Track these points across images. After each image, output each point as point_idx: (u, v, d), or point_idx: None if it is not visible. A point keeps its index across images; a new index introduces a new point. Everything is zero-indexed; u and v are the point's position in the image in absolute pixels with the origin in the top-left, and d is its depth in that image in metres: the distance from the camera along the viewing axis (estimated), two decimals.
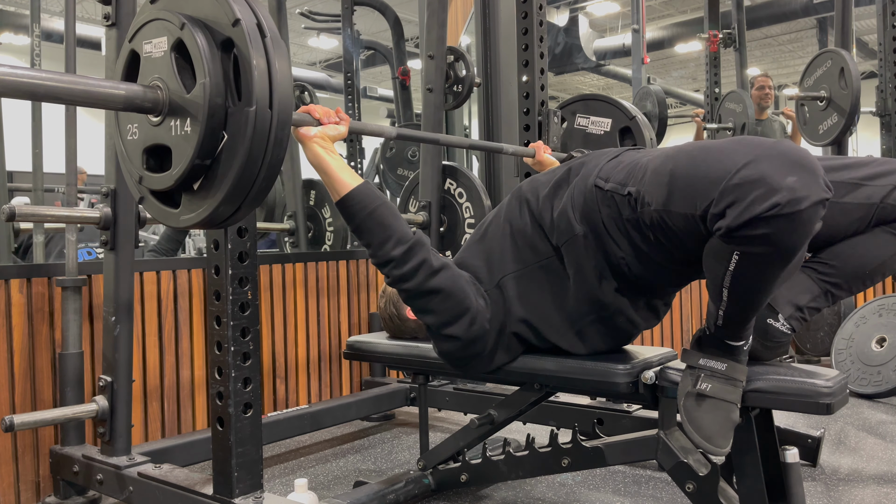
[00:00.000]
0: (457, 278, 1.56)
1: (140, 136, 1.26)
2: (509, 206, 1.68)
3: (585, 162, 1.59)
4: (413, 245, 1.52)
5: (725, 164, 1.19)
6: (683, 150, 1.31)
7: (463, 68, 2.78)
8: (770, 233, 1.15)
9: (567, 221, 1.52)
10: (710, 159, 1.22)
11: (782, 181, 1.13)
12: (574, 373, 1.57)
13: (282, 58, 1.16)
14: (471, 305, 1.55)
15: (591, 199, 1.49)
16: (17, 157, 3.58)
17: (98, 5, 1.90)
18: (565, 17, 9.83)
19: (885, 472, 2.16)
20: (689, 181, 1.24)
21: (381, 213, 1.52)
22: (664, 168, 1.31)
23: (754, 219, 1.14)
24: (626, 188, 1.41)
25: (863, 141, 9.81)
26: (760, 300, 1.31)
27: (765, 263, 1.21)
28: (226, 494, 1.61)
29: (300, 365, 2.83)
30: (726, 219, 1.17)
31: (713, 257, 1.27)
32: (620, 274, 1.49)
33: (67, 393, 2.00)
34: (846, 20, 3.74)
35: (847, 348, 3.20)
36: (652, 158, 1.39)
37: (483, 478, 1.86)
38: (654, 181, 1.33)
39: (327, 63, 13.01)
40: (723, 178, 1.18)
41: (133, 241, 1.96)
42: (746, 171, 1.15)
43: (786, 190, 1.12)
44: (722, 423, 1.33)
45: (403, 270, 1.51)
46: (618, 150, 1.61)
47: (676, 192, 1.27)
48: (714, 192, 1.19)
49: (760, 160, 1.16)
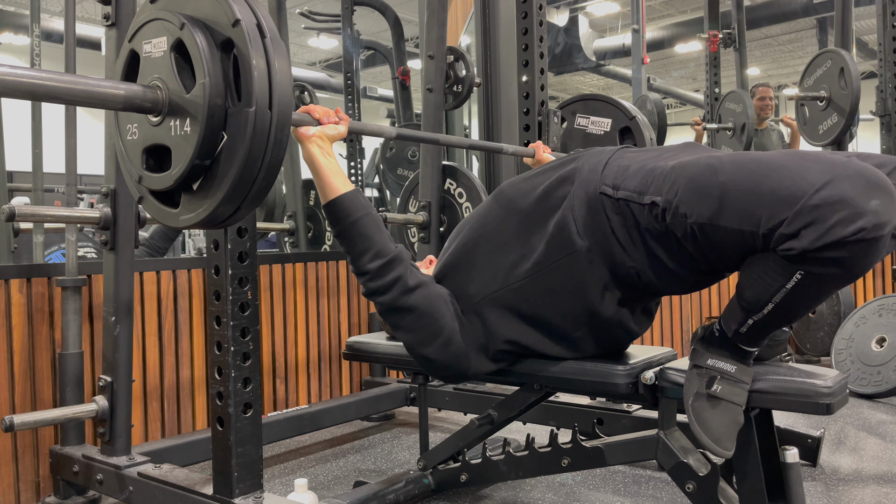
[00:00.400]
0: (433, 298, 1.52)
1: (140, 135, 1.26)
2: (488, 216, 1.61)
3: (578, 168, 1.51)
4: (391, 260, 1.50)
5: (798, 183, 1.14)
6: (732, 160, 1.25)
7: (463, 68, 2.78)
8: (847, 256, 1.12)
9: (566, 235, 1.46)
10: (774, 175, 1.17)
11: (867, 205, 1.10)
12: (574, 373, 1.57)
13: (281, 58, 1.16)
14: (445, 326, 1.51)
15: (597, 208, 1.43)
16: (17, 157, 3.58)
17: (98, 5, 1.90)
18: (565, 17, 9.83)
19: (885, 472, 2.16)
20: (750, 196, 1.19)
21: (363, 223, 1.51)
22: (711, 179, 1.24)
23: (836, 242, 1.10)
24: (645, 196, 1.35)
25: (863, 141, 9.81)
26: (802, 315, 1.29)
27: (829, 283, 1.19)
28: (226, 494, 1.61)
29: (300, 365, 2.83)
30: (801, 240, 1.13)
31: (768, 273, 1.22)
32: (628, 284, 1.45)
33: (67, 393, 2.00)
34: (846, 20, 3.74)
35: (847, 348, 3.20)
36: (680, 166, 1.32)
37: (483, 478, 1.86)
38: (696, 192, 1.26)
39: (327, 63, 13.01)
40: (798, 196, 1.13)
41: (133, 241, 1.96)
42: (827, 192, 1.11)
43: (871, 214, 1.09)
44: (730, 425, 1.32)
45: (377, 284, 1.50)
46: (610, 150, 1.54)
47: (730, 206, 1.21)
48: (787, 211, 1.14)
49: (840, 180, 1.12)
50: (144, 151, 1.26)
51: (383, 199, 5.45)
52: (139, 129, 1.26)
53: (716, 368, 1.36)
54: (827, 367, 1.60)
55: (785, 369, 1.40)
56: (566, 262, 1.47)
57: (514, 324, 1.54)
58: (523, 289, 1.51)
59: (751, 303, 1.28)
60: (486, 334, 1.55)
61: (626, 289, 1.47)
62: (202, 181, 1.21)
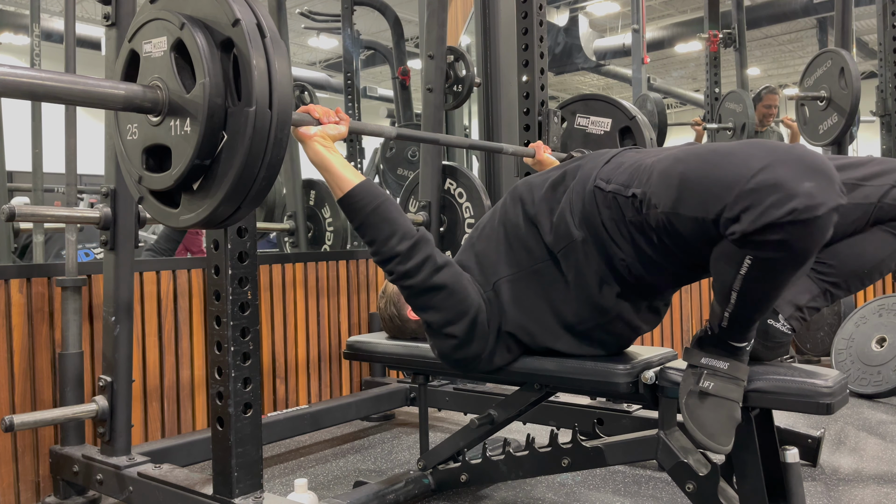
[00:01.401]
0: (460, 276, 1.56)
1: (140, 135, 1.26)
2: (504, 208, 1.67)
3: (582, 164, 1.57)
4: (418, 241, 1.52)
5: (740, 169, 1.17)
6: (693, 151, 1.30)
7: (463, 68, 2.78)
8: (785, 238, 1.14)
9: (565, 226, 1.50)
10: (722, 162, 1.21)
11: (799, 187, 1.12)
12: (574, 373, 1.57)
13: (281, 58, 1.16)
14: (472, 304, 1.55)
15: (591, 201, 1.47)
16: (17, 157, 3.58)
17: (98, 5, 1.90)
18: (565, 17, 9.84)
19: (885, 472, 2.16)
20: (701, 184, 1.23)
21: (385, 208, 1.52)
22: (673, 170, 1.29)
23: (770, 224, 1.13)
24: (629, 189, 1.40)
25: (863, 141, 9.80)
26: (769, 303, 1.31)
27: (777, 268, 1.21)
28: (226, 494, 1.61)
29: (300, 365, 2.83)
30: (741, 223, 1.16)
31: (723, 260, 1.26)
32: (622, 277, 1.48)
33: (67, 393, 2.00)
34: (846, 20, 3.74)
35: (847, 348, 3.20)
36: (658, 160, 1.37)
37: (483, 478, 1.86)
38: (662, 183, 1.31)
39: (327, 63, 13.01)
40: (737, 182, 1.16)
41: (133, 241, 1.96)
42: (762, 176, 1.14)
43: (803, 196, 1.11)
44: (724, 421, 1.33)
45: (408, 266, 1.51)
46: (616, 150, 1.59)
47: (686, 194, 1.25)
48: (728, 196, 1.17)
49: (776, 165, 1.14)
50: (144, 151, 1.26)
51: None
52: (139, 129, 1.26)
53: (708, 366, 1.38)
54: (827, 367, 1.61)
55: (785, 369, 1.40)
56: (566, 253, 1.51)
57: (524, 308, 1.57)
58: (533, 276, 1.56)
59: (719, 295, 1.31)
60: (501, 315, 1.58)
61: (622, 282, 1.49)
62: (202, 181, 1.21)
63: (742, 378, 1.36)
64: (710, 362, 1.38)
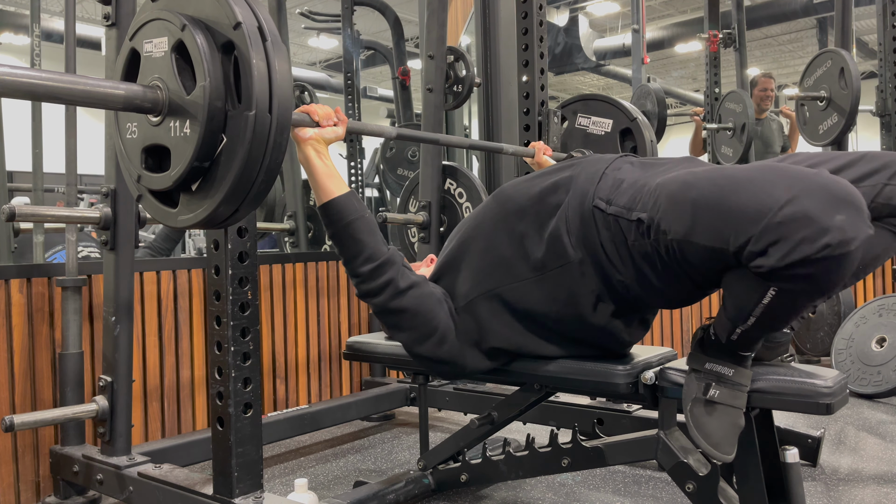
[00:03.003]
0: (425, 298, 1.54)
1: (139, 135, 1.26)
2: (485, 214, 1.61)
3: (574, 177, 1.51)
4: (381, 264, 1.51)
5: (763, 199, 1.13)
6: (705, 176, 1.25)
7: (463, 68, 2.77)
8: (815, 273, 1.11)
9: (561, 246, 1.46)
10: (741, 191, 1.17)
11: (831, 221, 1.09)
12: (574, 373, 1.57)
13: (282, 61, 1.16)
14: (439, 325, 1.54)
15: (589, 221, 1.43)
16: (17, 157, 3.58)
17: (98, 5, 1.90)
18: (565, 17, 9.83)
19: (885, 472, 2.16)
20: (718, 213, 1.19)
21: (355, 227, 1.51)
22: (684, 196, 1.24)
23: (802, 260, 1.10)
24: (633, 213, 1.36)
25: (863, 141, 9.81)
26: (786, 324, 1.30)
27: (803, 298, 1.19)
28: (226, 494, 1.61)
29: (300, 365, 2.83)
30: (769, 258, 1.12)
31: (743, 287, 1.22)
32: (619, 296, 1.46)
33: (67, 393, 2.00)
34: (846, 20, 3.74)
35: (847, 348, 3.20)
36: (664, 182, 1.32)
37: (483, 478, 1.86)
38: (672, 209, 1.26)
39: (327, 63, 13.01)
40: (762, 213, 1.13)
41: (133, 241, 1.95)
42: (791, 209, 1.10)
43: (835, 230, 1.08)
44: (728, 429, 1.32)
45: (369, 287, 1.52)
46: (610, 159, 1.53)
47: (701, 223, 1.21)
48: (753, 228, 1.13)
49: (803, 196, 1.11)
50: (144, 151, 1.25)
51: (383, 199, 5.46)
52: (139, 129, 1.26)
53: (713, 372, 1.36)
54: (827, 367, 1.60)
55: (785, 369, 1.40)
56: (559, 272, 1.47)
57: (506, 322, 1.55)
58: (518, 291, 1.52)
59: (734, 316, 1.29)
60: (480, 331, 1.56)
61: (618, 301, 1.48)
62: (201, 182, 1.21)
63: (746, 384, 1.35)
64: (715, 368, 1.36)
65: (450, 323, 1.55)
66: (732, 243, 1.17)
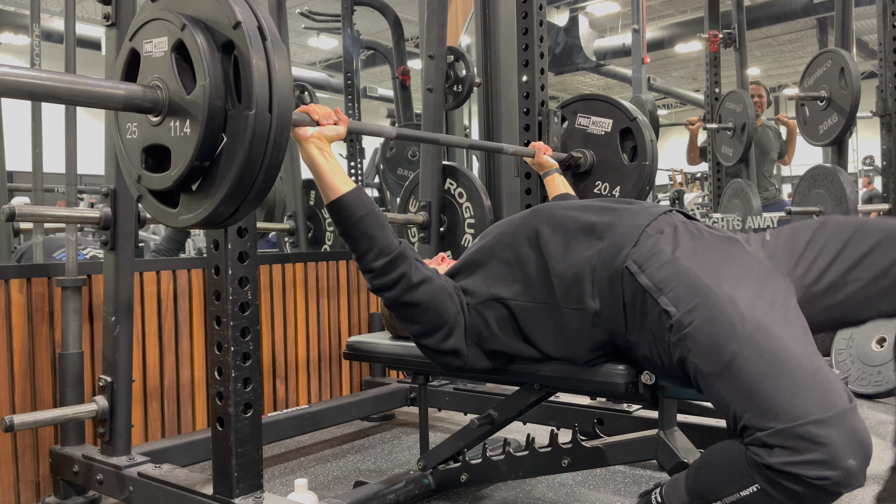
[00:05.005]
0: (437, 292, 1.54)
1: (139, 135, 1.26)
2: (520, 228, 1.61)
3: (614, 225, 1.46)
4: (394, 258, 1.51)
5: (795, 404, 1.14)
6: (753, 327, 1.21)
7: (463, 68, 2.77)
8: (803, 493, 1.12)
9: (580, 291, 1.45)
10: (780, 381, 1.16)
11: (844, 461, 1.11)
12: (574, 373, 1.57)
13: (282, 61, 1.16)
14: (448, 320, 1.55)
15: (617, 279, 1.41)
16: (17, 157, 3.58)
17: (98, 5, 1.90)
18: (565, 17, 9.85)
19: (885, 473, 2.15)
20: (750, 390, 1.18)
21: (366, 222, 1.51)
22: (726, 341, 1.22)
23: (798, 477, 1.11)
24: (662, 297, 1.32)
25: (863, 141, 9.81)
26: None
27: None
28: (226, 494, 1.61)
29: (300, 365, 2.83)
30: (772, 456, 1.13)
31: (728, 470, 1.21)
32: (621, 352, 1.48)
33: (67, 393, 2.00)
34: (846, 20, 3.74)
35: (847, 348, 3.20)
36: (706, 288, 1.28)
37: (483, 478, 1.86)
38: (708, 343, 1.24)
39: (327, 63, 13.02)
40: (790, 417, 1.13)
41: (133, 241, 1.95)
42: (816, 430, 1.12)
43: (842, 471, 1.10)
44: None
45: (382, 282, 1.52)
46: (652, 215, 1.47)
47: (730, 380, 1.21)
48: (771, 421, 1.14)
49: (834, 425, 1.12)
50: (144, 151, 1.26)
51: (383, 199, 5.46)
52: (139, 129, 1.26)
53: None
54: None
55: None
56: (572, 314, 1.47)
57: (510, 333, 1.57)
58: (528, 311, 1.53)
59: (700, 493, 1.26)
60: (485, 332, 1.58)
61: (615, 353, 1.49)
62: (201, 182, 1.21)
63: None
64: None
65: (459, 318, 1.57)
66: (748, 419, 1.18)
